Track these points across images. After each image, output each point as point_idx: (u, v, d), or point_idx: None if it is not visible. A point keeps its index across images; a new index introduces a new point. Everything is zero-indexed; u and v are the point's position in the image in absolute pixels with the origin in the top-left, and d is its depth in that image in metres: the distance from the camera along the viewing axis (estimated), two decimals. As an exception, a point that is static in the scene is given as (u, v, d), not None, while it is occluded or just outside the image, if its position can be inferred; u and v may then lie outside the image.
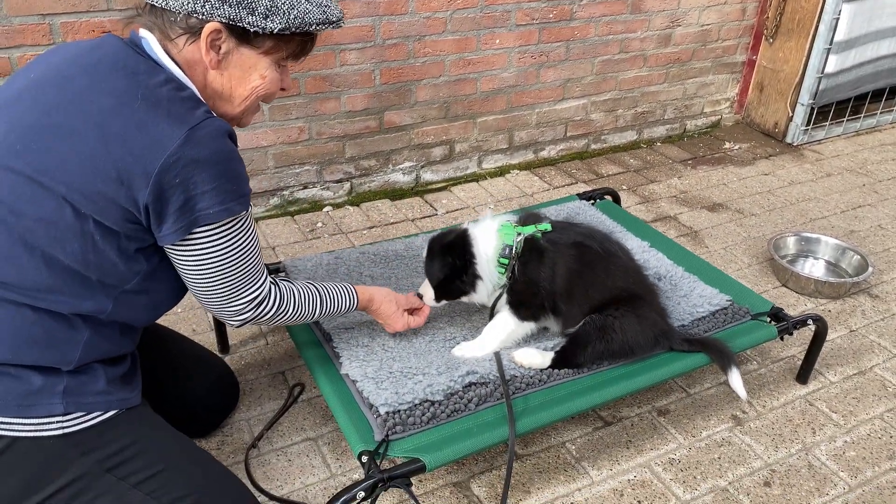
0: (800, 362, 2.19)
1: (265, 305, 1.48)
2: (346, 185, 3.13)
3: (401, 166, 3.21)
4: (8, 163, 1.24)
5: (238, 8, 1.28)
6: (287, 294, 1.53)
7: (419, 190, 3.28)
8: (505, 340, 1.80)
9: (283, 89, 1.47)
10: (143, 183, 1.22)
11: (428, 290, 1.82)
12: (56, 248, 1.24)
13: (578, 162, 3.62)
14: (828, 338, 2.19)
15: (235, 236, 1.36)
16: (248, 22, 1.30)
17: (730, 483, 1.83)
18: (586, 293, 1.76)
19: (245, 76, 1.38)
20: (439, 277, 1.77)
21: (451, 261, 1.75)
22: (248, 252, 1.40)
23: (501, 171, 3.46)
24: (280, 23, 1.31)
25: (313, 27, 1.36)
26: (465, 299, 1.82)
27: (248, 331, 2.32)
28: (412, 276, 2.12)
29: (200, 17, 1.29)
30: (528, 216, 1.84)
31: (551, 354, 1.77)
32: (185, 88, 1.31)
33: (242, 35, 1.33)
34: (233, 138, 1.33)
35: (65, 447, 1.29)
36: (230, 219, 1.33)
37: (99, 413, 1.33)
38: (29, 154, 1.23)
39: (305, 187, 3.04)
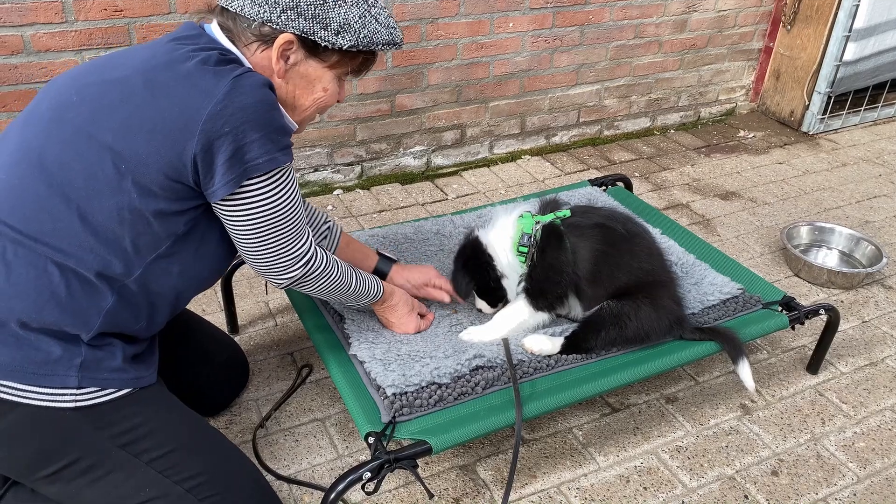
0: (811, 352, 2.17)
1: (313, 263, 1.49)
2: (357, 169, 3.13)
3: (412, 150, 3.20)
4: (63, 114, 1.28)
5: (312, 22, 1.33)
6: (331, 258, 1.55)
7: (430, 174, 3.27)
8: (515, 329, 1.79)
9: (338, 101, 1.52)
10: (191, 133, 1.23)
11: (481, 303, 1.87)
12: (93, 202, 1.26)
13: (591, 148, 3.60)
14: (840, 328, 2.18)
15: (283, 188, 1.36)
16: (320, 36, 1.35)
17: (737, 471, 1.83)
18: (611, 274, 1.74)
19: (309, 87, 1.43)
20: (469, 291, 1.82)
21: (474, 273, 1.78)
22: (296, 206, 1.41)
23: (513, 157, 3.45)
24: (350, 40, 1.37)
25: (379, 47, 1.41)
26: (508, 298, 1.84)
27: (257, 311, 2.33)
28: (421, 260, 2.12)
29: (275, 27, 1.33)
30: (547, 203, 1.84)
31: (561, 340, 1.76)
32: (231, 54, 1.34)
33: (312, 48, 1.38)
34: (272, 90, 1.34)
35: (78, 420, 1.30)
36: (278, 169, 1.33)
37: (113, 390, 1.34)
38: (83, 105, 1.28)
39: (316, 170, 3.04)
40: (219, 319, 2.23)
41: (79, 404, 1.30)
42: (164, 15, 2.49)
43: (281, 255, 1.43)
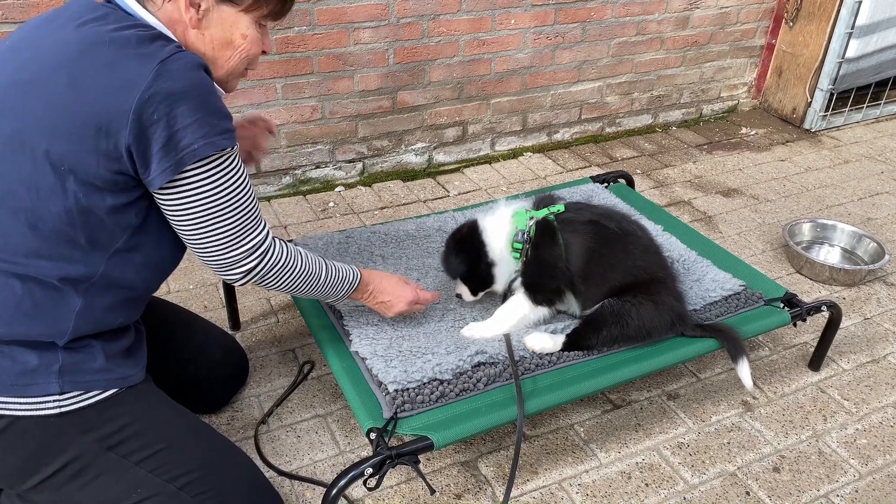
0: (812, 349, 2.17)
1: (269, 258, 1.40)
2: (359, 166, 3.13)
3: (413, 147, 3.20)
4: None
5: None
6: (293, 252, 1.47)
7: (431, 171, 3.26)
8: (516, 324, 1.79)
9: (264, 52, 1.44)
10: (121, 124, 1.17)
11: (462, 288, 1.86)
12: (40, 209, 1.21)
13: (592, 145, 3.59)
14: (842, 325, 2.17)
15: (225, 175, 1.29)
16: None
17: (738, 468, 1.83)
18: (604, 273, 1.73)
19: (227, 35, 1.35)
20: (458, 272, 1.81)
21: (464, 255, 1.79)
22: (242, 194, 1.33)
23: (514, 154, 3.44)
24: None
25: None
26: (494, 288, 1.85)
27: (259, 308, 2.33)
28: (423, 257, 2.12)
29: None
30: (541, 199, 1.83)
31: (562, 337, 1.76)
32: (152, 30, 1.26)
33: None
34: (207, 72, 1.28)
35: (64, 426, 1.29)
36: (217, 154, 1.26)
37: (98, 392, 1.32)
38: (6, 113, 1.21)
39: (318, 167, 3.04)
40: (220, 316, 2.23)
41: (62, 410, 1.28)
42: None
43: (230, 248, 1.35)
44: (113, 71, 1.19)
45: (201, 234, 1.32)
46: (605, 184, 2.61)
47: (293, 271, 1.46)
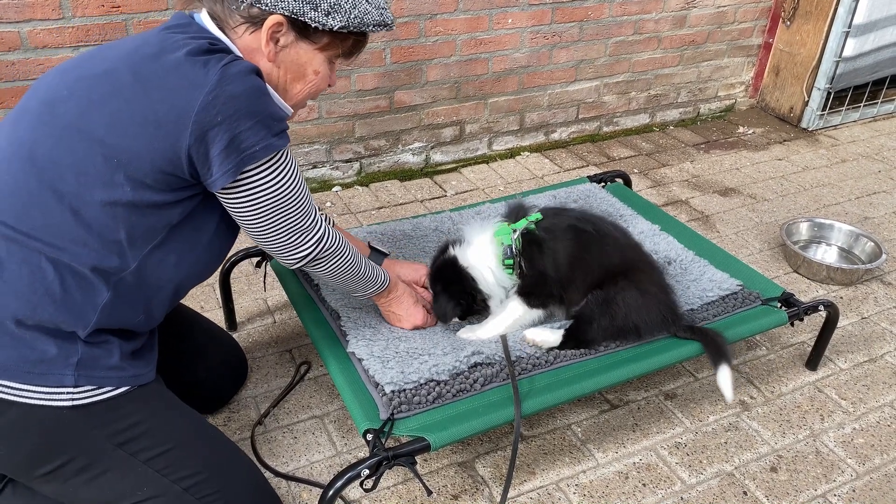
0: (810, 349, 2.17)
1: (325, 241, 1.47)
2: (356, 165, 3.12)
3: (410, 147, 3.20)
4: (53, 109, 1.27)
5: (302, 3, 1.32)
6: (343, 238, 1.54)
7: (429, 171, 3.26)
8: (511, 326, 1.79)
9: (329, 86, 1.50)
10: (183, 125, 1.22)
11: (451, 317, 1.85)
12: (85, 196, 1.24)
13: (590, 145, 3.59)
14: (839, 325, 2.18)
15: (283, 172, 1.35)
16: (311, 17, 1.33)
17: (736, 468, 1.83)
18: (585, 278, 1.75)
19: (300, 70, 1.41)
20: (454, 316, 1.82)
21: (456, 299, 1.77)
22: (299, 186, 1.39)
23: (512, 153, 3.44)
24: (340, 21, 1.35)
25: (370, 28, 1.40)
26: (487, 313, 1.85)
27: (255, 308, 2.33)
28: (420, 257, 2.11)
29: (264, 7, 1.31)
30: (513, 209, 1.83)
31: (562, 332, 1.77)
32: (223, 45, 1.33)
33: (302, 30, 1.36)
34: (261, 76, 1.32)
35: (75, 419, 1.29)
36: (275, 154, 1.32)
37: (110, 388, 1.32)
38: (72, 99, 1.26)
39: (315, 167, 3.03)
40: (217, 316, 2.23)
41: (75, 403, 1.29)
42: (161, 11, 2.48)
43: (292, 235, 1.42)
44: (179, 73, 1.23)
45: (265, 226, 1.38)
46: (603, 183, 2.60)
47: (343, 259, 1.53)
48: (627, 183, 2.64)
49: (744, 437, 1.92)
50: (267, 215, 1.37)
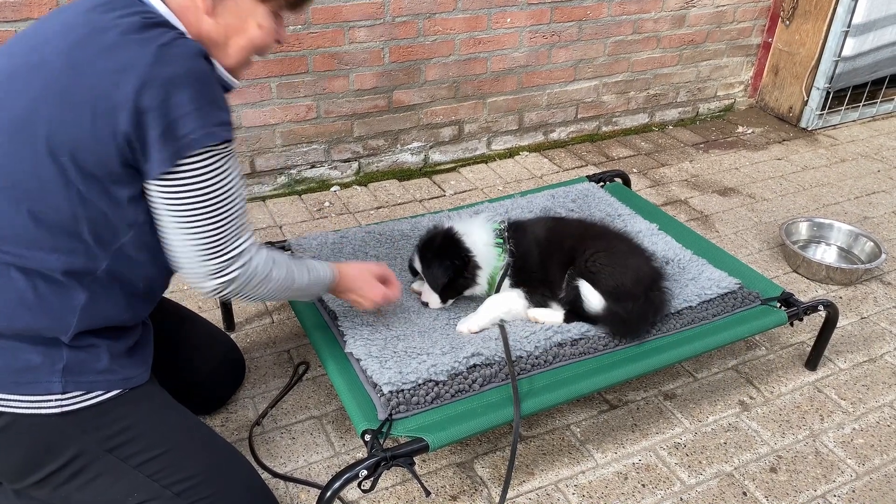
0: (809, 349, 2.16)
1: (249, 270, 1.33)
2: (354, 165, 3.11)
3: (409, 146, 3.19)
4: None
5: None
6: (271, 258, 1.40)
7: (427, 171, 3.25)
8: (507, 311, 1.82)
9: (278, 41, 1.41)
10: (119, 110, 1.15)
11: (432, 296, 1.88)
12: (42, 200, 1.19)
13: (589, 144, 3.58)
14: (838, 325, 2.17)
15: (221, 170, 1.25)
16: None
17: (735, 468, 1.82)
18: (561, 251, 1.86)
19: (241, 24, 1.33)
20: (444, 282, 1.83)
21: (449, 262, 1.82)
22: (235, 194, 1.28)
23: (511, 153, 3.43)
24: None
25: None
26: (467, 293, 1.89)
27: (254, 309, 2.32)
28: (418, 256, 2.10)
29: None
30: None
31: (562, 312, 1.83)
32: (158, 17, 1.24)
33: None
34: (208, 60, 1.25)
35: (64, 425, 1.27)
36: (215, 146, 1.23)
37: (100, 392, 1.30)
38: (8, 100, 1.20)
39: (313, 166, 3.02)
40: (215, 317, 2.22)
41: (64, 409, 1.26)
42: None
43: (213, 253, 1.28)
44: (112, 55, 1.17)
45: (187, 234, 1.26)
46: (602, 183, 2.60)
47: (267, 284, 1.40)
48: (626, 182, 2.64)
49: (743, 437, 1.91)
50: (192, 220, 1.25)
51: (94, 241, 1.24)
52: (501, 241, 1.85)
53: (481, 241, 1.85)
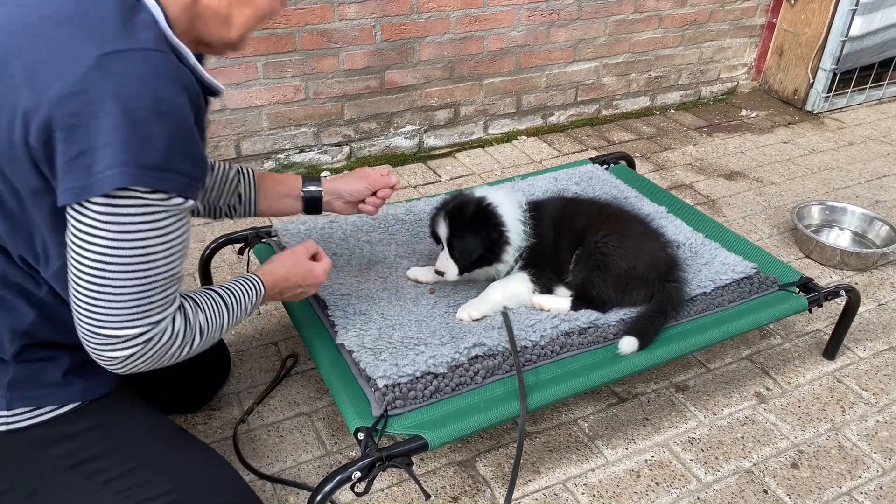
0: (826, 337, 2.06)
1: (157, 343, 1.11)
2: (345, 150, 2.98)
3: (403, 130, 3.06)
4: None
5: None
6: (188, 321, 1.17)
7: (422, 155, 3.13)
8: (512, 297, 1.70)
9: (282, 4, 1.24)
10: (35, 116, 0.95)
11: (449, 266, 1.68)
12: None
13: (589, 128, 3.46)
14: (857, 311, 2.06)
15: (146, 227, 1.01)
16: None
17: (754, 464, 1.71)
18: (571, 229, 1.76)
19: None
20: (479, 253, 1.66)
21: (486, 233, 1.65)
22: (161, 263, 1.05)
23: (508, 137, 3.31)
24: None
25: None
26: (482, 273, 1.75)
27: (239, 299, 2.19)
28: (413, 242, 1.98)
29: None
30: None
31: (569, 299, 1.71)
32: (142, 10, 1.03)
33: None
34: (191, 95, 1.03)
35: (14, 444, 1.16)
36: (130, 194, 0.98)
37: (54, 407, 1.18)
38: None
39: (302, 151, 2.89)
40: (198, 307, 2.09)
41: (10, 427, 1.15)
42: None
43: (116, 324, 1.05)
44: (52, 51, 0.96)
45: (90, 288, 1.03)
46: (605, 165, 2.48)
47: (185, 349, 1.19)
48: (631, 165, 2.52)
49: (761, 430, 1.80)
50: (93, 276, 1.01)
51: (33, 259, 1.10)
52: (525, 218, 1.71)
53: (513, 215, 1.68)
